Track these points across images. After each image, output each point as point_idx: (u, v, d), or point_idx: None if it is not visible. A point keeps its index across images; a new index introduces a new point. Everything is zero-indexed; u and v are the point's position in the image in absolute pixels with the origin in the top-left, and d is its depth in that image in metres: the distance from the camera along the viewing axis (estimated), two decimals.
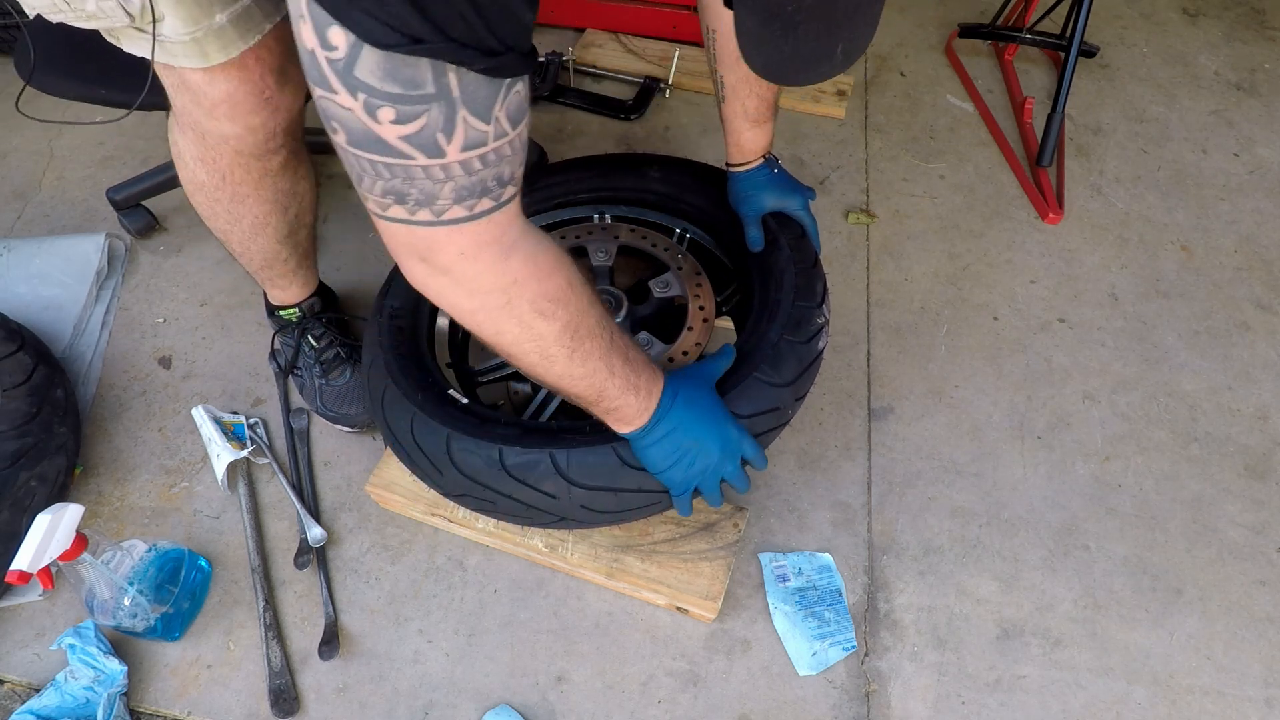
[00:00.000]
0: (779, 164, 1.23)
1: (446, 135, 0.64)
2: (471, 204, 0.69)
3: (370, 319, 1.23)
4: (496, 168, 0.69)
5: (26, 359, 1.27)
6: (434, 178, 0.66)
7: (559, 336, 0.81)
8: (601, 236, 1.33)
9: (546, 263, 0.78)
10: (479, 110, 0.65)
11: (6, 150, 1.83)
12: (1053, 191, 1.75)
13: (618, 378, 0.88)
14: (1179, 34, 2.16)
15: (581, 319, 0.82)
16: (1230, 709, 1.16)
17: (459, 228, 0.70)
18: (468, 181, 0.68)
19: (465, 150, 0.66)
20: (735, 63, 1.10)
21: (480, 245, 0.72)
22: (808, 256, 1.19)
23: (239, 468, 1.33)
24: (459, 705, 1.15)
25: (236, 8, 0.92)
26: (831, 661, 1.18)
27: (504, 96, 0.66)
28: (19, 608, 1.22)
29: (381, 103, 0.62)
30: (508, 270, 0.75)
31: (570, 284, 0.81)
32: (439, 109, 0.63)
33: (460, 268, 0.73)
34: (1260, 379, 1.50)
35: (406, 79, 0.61)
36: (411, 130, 0.63)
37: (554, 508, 1.02)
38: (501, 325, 0.79)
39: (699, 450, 0.97)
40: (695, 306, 1.23)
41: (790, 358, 1.08)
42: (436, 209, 0.68)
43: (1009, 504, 1.34)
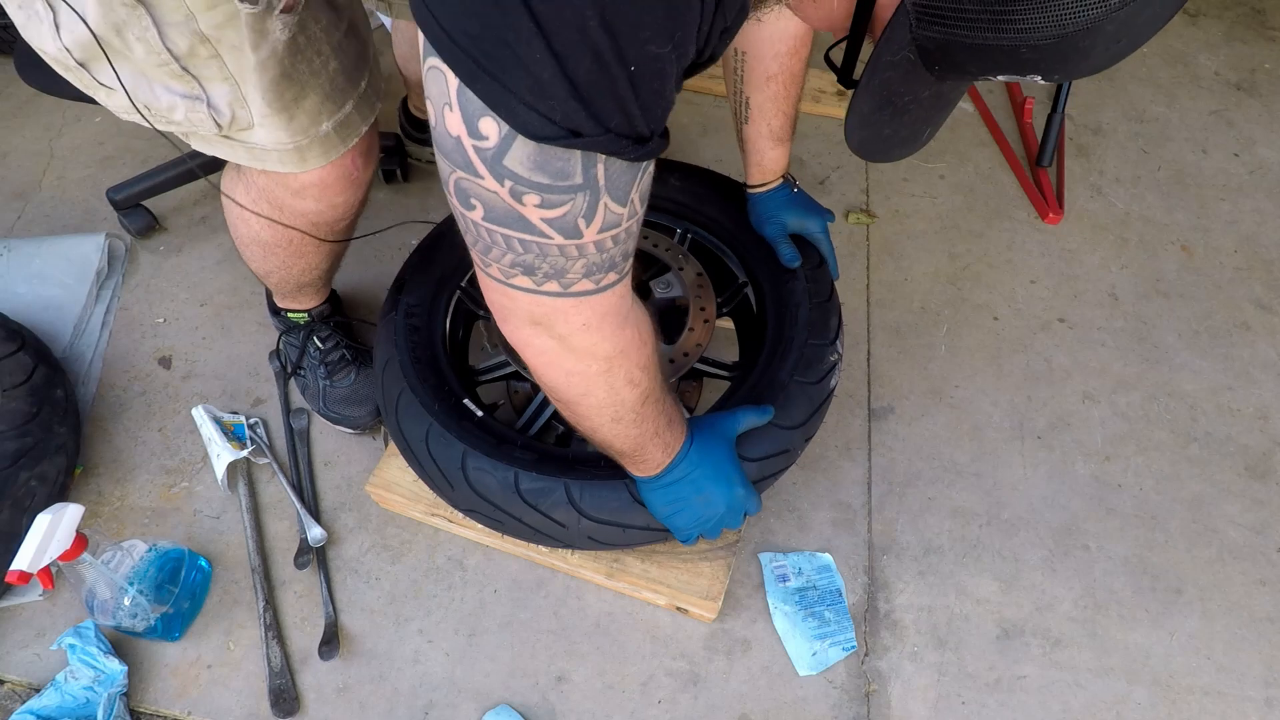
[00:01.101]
0: (797, 183, 1.24)
1: (587, 220, 0.65)
2: (599, 279, 0.70)
3: (383, 317, 1.22)
4: (625, 245, 0.70)
5: (26, 359, 1.27)
6: (568, 255, 0.66)
7: (636, 403, 0.82)
8: None
9: (646, 331, 0.80)
10: (619, 196, 0.65)
11: (6, 150, 1.83)
12: (1053, 191, 1.75)
13: (660, 437, 0.90)
14: (1179, 34, 2.16)
15: (657, 387, 0.85)
16: (1230, 709, 1.16)
17: (584, 299, 0.71)
18: (599, 259, 0.68)
19: (602, 232, 0.66)
20: (764, 83, 1.10)
21: (603, 316, 0.73)
22: (823, 289, 1.19)
23: (239, 468, 1.33)
24: (459, 705, 1.15)
25: (340, 115, 0.94)
26: (831, 661, 1.18)
27: (640, 178, 0.66)
28: (19, 608, 1.21)
29: (528, 190, 0.61)
30: (621, 339, 0.76)
31: (657, 352, 0.83)
32: (584, 197, 0.63)
33: (578, 336, 0.74)
34: (1260, 379, 1.50)
35: (556, 171, 0.60)
36: (555, 215, 0.63)
37: (562, 535, 1.04)
38: (592, 388, 0.79)
39: (704, 504, 0.98)
40: (697, 307, 1.23)
41: (801, 400, 1.09)
42: (565, 282, 0.69)
43: (1009, 504, 1.34)
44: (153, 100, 0.86)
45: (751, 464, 1.04)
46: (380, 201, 1.73)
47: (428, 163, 1.78)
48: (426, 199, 1.73)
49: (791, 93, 1.11)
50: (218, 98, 0.87)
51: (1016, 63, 0.54)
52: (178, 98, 0.86)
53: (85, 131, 1.85)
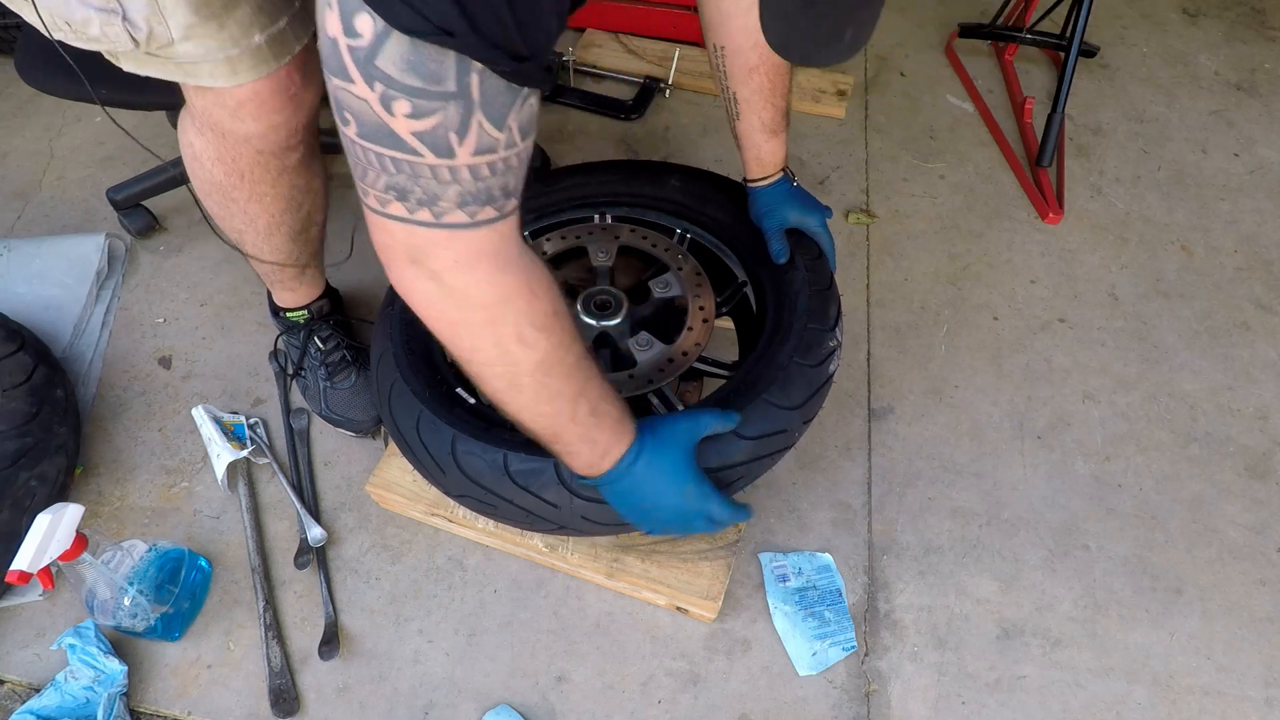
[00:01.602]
0: (796, 178, 1.24)
1: (459, 136, 0.64)
2: (474, 210, 0.68)
3: (382, 311, 1.23)
4: (503, 177, 0.69)
5: (26, 359, 1.27)
6: (440, 178, 0.66)
7: (533, 369, 0.78)
8: (602, 236, 1.33)
9: (539, 286, 0.76)
10: (494, 116, 0.65)
11: (6, 150, 1.83)
12: (1053, 191, 1.75)
13: (578, 427, 0.85)
14: (1179, 34, 2.16)
15: (559, 355, 0.79)
16: (1230, 709, 1.16)
17: (458, 233, 0.69)
18: (473, 187, 0.67)
19: (476, 155, 0.65)
20: (748, 74, 1.10)
21: (478, 255, 0.71)
22: (823, 278, 1.19)
23: (239, 468, 1.33)
24: (459, 705, 1.15)
25: (274, 30, 0.92)
26: (831, 661, 1.18)
27: (519, 106, 0.66)
28: (19, 608, 1.22)
29: (399, 95, 0.61)
30: (501, 285, 0.73)
31: (556, 314, 0.78)
32: (455, 108, 0.63)
33: (452, 276, 0.72)
34: (1260, 379, 1.50)
35: (429, 73, 0.61)
36: (425, 126, 0.63)
37: (555, 516, 1.02)
38: (480, 343, 0.77)
39: (655, 509, 0.94)
40: (695, 307, 1.23)
41: (800, 381, 1.08)
42: (438, 210, 0.67)
43: (1009, 504, 1.34)
44: (69, 14, 0.85)
45: (748, 442, 1.02)
46: None
47: None
48: None
49: (778, 84, 1.11)
50: (133, 11, 0.84)
51: None
52: (92, 11, 0.84)
53: (85, 131, 1.85)
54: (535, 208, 1.36)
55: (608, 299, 1.22)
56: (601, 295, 1.22)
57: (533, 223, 1.36)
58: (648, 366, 1.17)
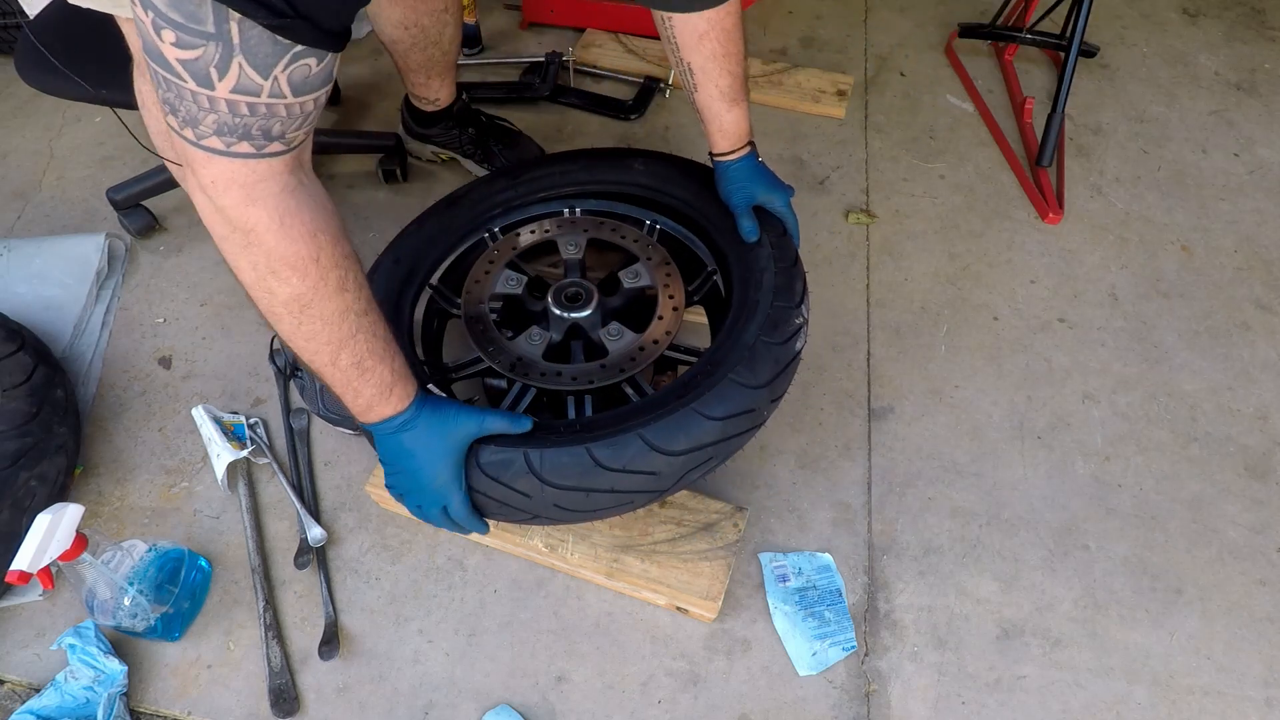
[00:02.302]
0: (760, 155, 1.25)
1: (219, 73, 0.69)
2: (229, 141, 0.73)
3: None
4: (265, 120, 0.73)
5: (26, 359, 1.27)
6: (200, 105, 0.70)
7: (286, 303, 0.83)
8: (570, 230, 1.33)
9: (295, 229, 0.80)
10: (257, 64, 0.69)
11: (6, 150, 1.83)
12: (1053, 191, 1.75)
13: (339, 374, 0.90)
14: (1179, 34, 2.16)
15: (317, 300, 0.83)
16: (1230, 709, 1.16)
17: (212, 157, 0.74)
18: (230, 121, 0.72)
19: (235, 93, 0.70)
20: (697, 42, 1.11)
21: (228, 182, 0.76)
22: (788, 255, 1.19)
23: (239, 468, 1.33)
24: (459, 705, 1.15)
25: None
26: (831, 661, 1.18)
27: (288, 62, 0.70)
28: (19, 608, 1.22)
29: (165, 25, 0.66)
30: (247, 217, 0.77)
31: (317, 261, 0.82)
32: (215, 48, 0.67)
33: (210, 194, 0.77)
34: (1260, 379, 1.50)
35: (188, 12, 0.65)
36: (188, 56, 0.68)
37: (525, 506, 1.03)
38: (238, 264, 0.82)
39: (404, 475, 1.00)
40: (665, 296, 1.24)
41: (767, 359, 1.07)
42: (199, 132, 0.72)
43: (1009, 504, 1.34)
44: None
45: (715, 423, 1.02)
46: (380, 201, 1.73)
47: (427, 161, 1.79)
48: (426, 199, 1.73)
49: (730, 50, 1.12)
50: None
51: None
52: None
53: (85, 131, 1.85)
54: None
55: (578, 290, 1.23)
56: (572, 287, 1.23)
57: (502, 216, 1.38)
58: (619, 356, 1.18)
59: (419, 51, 1.50)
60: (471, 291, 1.26)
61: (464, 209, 1.36)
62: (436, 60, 1.54)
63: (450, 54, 1.56)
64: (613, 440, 1.00)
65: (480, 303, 1.25)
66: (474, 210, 1.36)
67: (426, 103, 1.65)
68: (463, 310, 1.24)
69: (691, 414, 1.01)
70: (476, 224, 1.36)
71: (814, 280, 1.60)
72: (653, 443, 1.00)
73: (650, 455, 1.00)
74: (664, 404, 1.03)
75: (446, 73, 1.59)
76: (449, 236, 1.34)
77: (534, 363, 1.18)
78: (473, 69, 2.03)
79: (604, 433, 1.01)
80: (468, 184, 1.41)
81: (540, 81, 1.94)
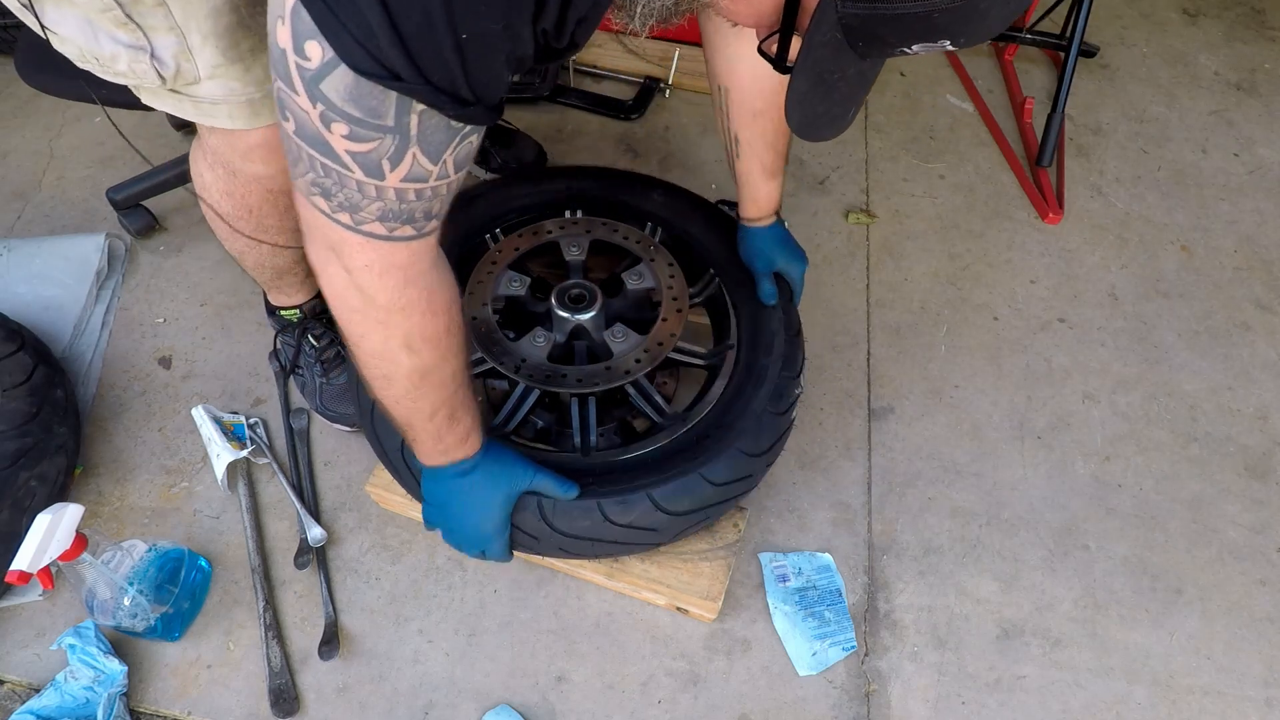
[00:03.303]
0: (786, 221, 1.28)
1: (392, 164, 0.67)
2: (392, 226, 0.72)
3: None
4: (429, 203, 0.72)
5: (26, 359, 1.27)
6: (366, 194, 0.69)
7: (410, 373, 0.83)
8: (573, 231, 1.33)
9: (439, 303, 0.81)
10: (430, 152, 0.68)
11: (6, 150, 1.83)
12: (1053, 191, 1.75)
13: (432, 425, 0.91)
14: (1179, 34, 2.16)
15: (438, 366, 0.85)
16: (1230, 709, 1.16)
17: (374, 242, 0.72)
18: (396, 208, 0.70)
19: (405, 181, 0.69)
20: (751, 119, 1.12)
21: (388, 266, 0.75)
22: (793, 324, 1.23)
23: (239, 468, 1.33)
24: (459, 705, 1.15)
25: None
26: (831, 661, 1.18)
27: (458, 143, 0.69)
28: (19, 608, 1.21)
29: (337, 119, 0.64)
30: (403, 297, 0.77)
31: (449, 331, 0.83)
32: (392, 140, 0.65)
33: (362, 276, 0.75)
34: (1260, 379, 1.50)
35: (369, 108, 0.63)
36: (360, 149, 0.66)
37: (531, 545, 1.08)
38: (370, 335, 0.81)
39: (452, 517, 1.02)
40: (669, 298, 1.24)
41: (769, 430, 1.13)
42: (358, 218, 0.70)
43: (1009, 504, 1.34)
44: (98, 49, 0.86)
45: (714, 488, 1.07)
46: None
47: None
48: None
49: (782, 128, 1.13)
50: (162, 49, 0.85)
51: (929, 29, 0.60)
52: (121, 47, 0.85)
53: (85, 131, 1.85)
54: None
55: (582, 292, 1.23)
56: (575, 289, 1.23)
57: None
58: (623, 358, 1.18)
59: None
60: (474, 293, 1.26)
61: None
62: None
63: None
64: (623, 499, 1.04)
65: (483, 304, 1.24)
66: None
67: None
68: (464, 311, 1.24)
69: (698, 479, 1.07)
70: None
71: (814, 280, 1.60)
72: (659, 503, 1.05)
73: (655, 514, 1.05)
74: (673, 465, 1.08)
75: None
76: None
77: (538, 364, 1.18)
78: None
79: (615, 489, 1.05)
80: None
81: (540, 81, 1.94)
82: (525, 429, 1.24)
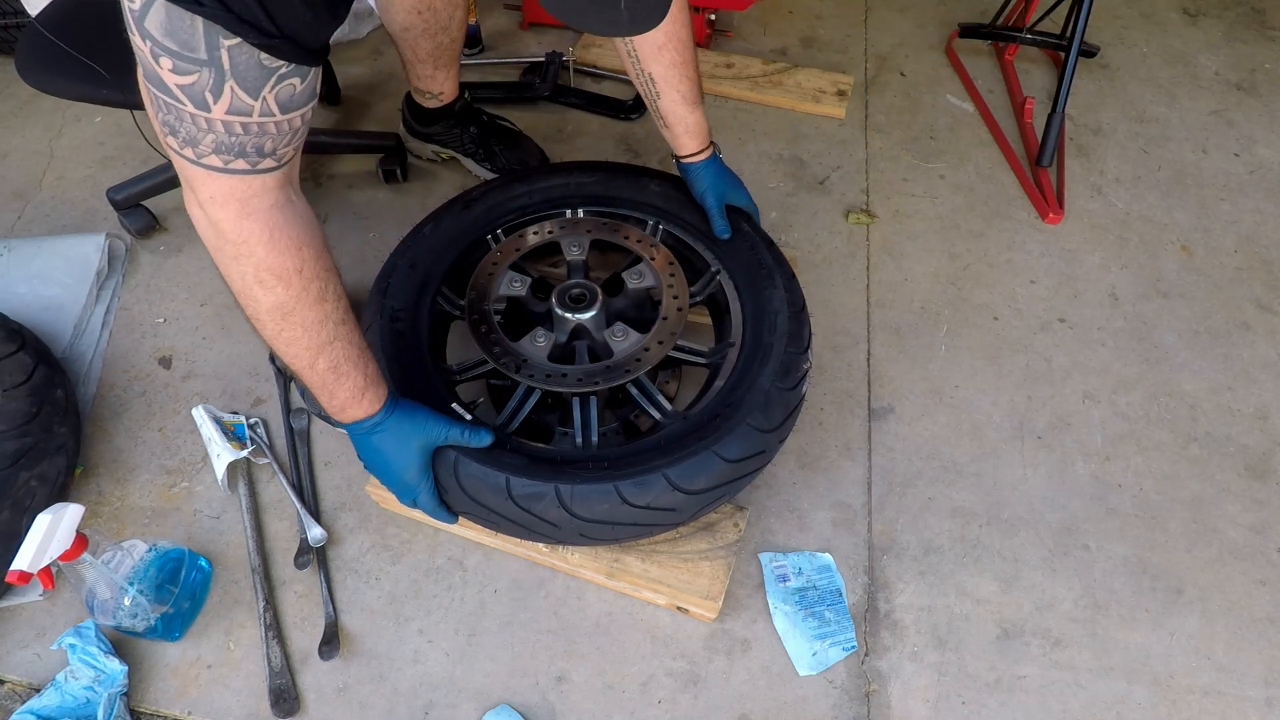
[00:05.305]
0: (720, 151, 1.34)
1: (214, 97, 0.75)
2: (227, 159, 0.79)
3: (366, 316, 1.23)
4: (259, 139, 0.80)
5: (27, 359, 1.27)
6: (199, 126, 0.77)
7: (270, 310, 0.89)
8: (574, 230, 1.33)
9: (283, 241, 0.86)
10: (248, 87, 0.76)
11: (6, 150, 1.83)
12: (1053, 191, 1.75)
13: (316, 376, 0.96)
14: (1179, 34, 2.16)
15: (299, 307, 0.89)
16: (1230, 709, 1.16)
17: (211, 174, 0.81)
18: (227, 140, 0.78)
19: (229, 114, 0.77)
20: (657, 53, 1.20)
21: (225, 197, 0.82)
22: (797, 300, 1.24)
23: (239, 468, 1.33)
24: (459, 705, 1.15)
25: None
26: (831, 661, 1.18)
27: (275, 83, 0.77)
28: (19, 608, 1.22)
29: (162, 54, 0.72)
30: (242, 229, 0.84)
31: (300, 272, 0.88)
32: (210, 73, 0.74)
33: (210, 208, 0.83)
34: (1260, 379, 1.50)
35: (183, 41, 0.71)
36: (185, 82, 0.74)
37: (552, 533, 1.08)
38: (228, 272, 0.88)
39: (379, 471, 1.07)
40: (669, 296, 1.24)
41: (779, 405, 1.13)
42: (198, 151, 0.79)
43: (1009, 504, 1.34)
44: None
45: (729, 464, 1.07)
46: (381, 201, 1.73)
47: (428, 160, 1.79)
48: (427, 199, 1.73)
49: (687, 57, 1.22)
50: None
51: None
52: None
53: (85, 131, 1.85)
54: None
55: (582, 292, 1.23)
56: (576, 288, 1.23)
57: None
58: (624, 357, 1.18)
59: (429, 39, 1.50)
60: (475, 293, 1.26)
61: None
62: (445, 48, 1.54)
63: (458, 42, 1.56)
64: (639, 480, 1.05)
65: (484, 304, 1.24)
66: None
67: (430, 98, 1.64)
68: (466, 312, 1.24)
69: (711, 456, 1.07)
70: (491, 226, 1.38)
71: (814, 280, 1.61)
72: (675, 482, 1.05)
73: (672, 494, 1.06)
74: (684, 444, 1.08)
75: (452, 63, 1.59)
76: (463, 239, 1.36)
77: (539, 364, 1.18)
78: (473, 69, 2.03)
79: (630, 471, 1.06)
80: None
81: (540, 81, 1.94)
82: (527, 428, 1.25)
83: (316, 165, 1.79)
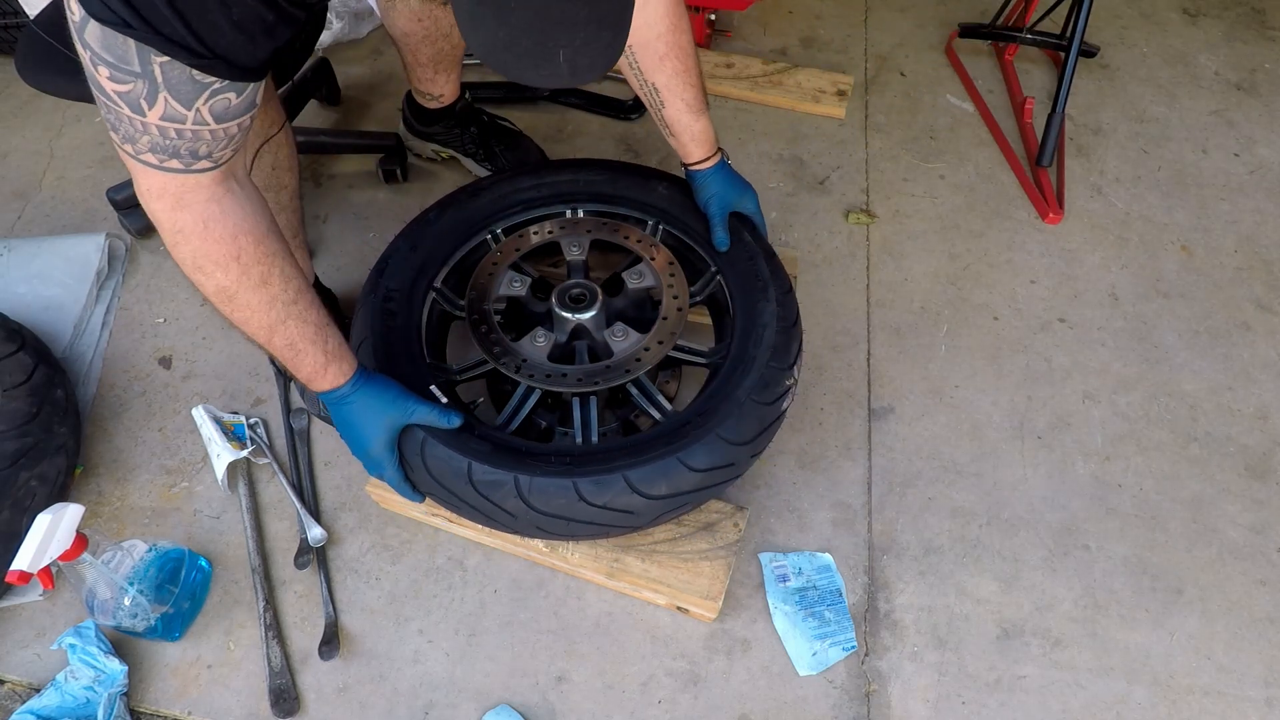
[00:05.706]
0: (728, 157, 1.33)
1: (149, 104, 0.79)
2: (161, 158, 0.83)
3: (362, 297, 1.23)
4: (192, 144, 0.83)
5: (27, 359, 1.27)
6: (136, 128, 0.81)
7: (215, 293, 0.94)
8: (574, 230, 1.33)
9: (219, 231, 0.89)
10: (180, 99, 0.79)
11: (6, 150, 1.83)
12: (1053, 191, 1.75)
13: (275, 351, 1.00)
14: (1179, 34, 2.16)
15: (240, 291, 0.93)
16: (1230, 709, 1.16)
17: (147, 170, 0.85)
18: (161, 142, 0.82)
19: (164, 120, 0.80)
20: (659, 63, 1.19)
21: (159, 192, 0.86)
22: (789, 315, 1.22)
23: (239, 468, 1.33)
24: (459, 705, 1.15)
25: None
26: (831, 661, 1.18)
27: (208, 96, 0.80)
28: (19, 608, 1.22)
29: (101, 64, 0.76)
30: (177, 219, 0.88)
31: (237, 259, 0.91)
32: (143, 84, 0.77)
33: (146, 200, 0.88)
34: (1260, 379, 1.50)
35: (118, 55, 0.75)
36: (121, 90, 0.78)
37: (510, 523, 1.08)
38: (174, 255, 0.92)
39: (350, 443, 1.09)
40: (669, 296, 1.24)
41: (753, 418, 1.12)
42: (135, 149, 0.83)
43: (1009, 504, 1.34)
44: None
45: (696, 474, 1.07)
46: (381, 201, 1.73)
47: (428, 160, 1.79)
48: (426, 199, 1.72)
49: (689, 65, 1.21)
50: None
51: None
52: None
53: (85, 131, 1.85)
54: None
55: (582, 292, 1.23)
56: (576, 288, 1.23)
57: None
58: (624, 357, 1.18)
59: (429, 45, 1.50)
60: (475, 292, 1.26)
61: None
62: (446, 54, 1.54)
63: (459, 48, 1.56)
64: (598, 479, 1.05)
65: (484, 304, 1.25)
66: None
67: (430, 99, 1.64)
68: (466, 311, 1.24)
69: (675, 463, 1.06)
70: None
71: (814, 280, 1.61)
72: (635, 485, 1.05)
73: (630, 496, 1.05)
74: (651, 448, 1.08)
75: (453, 67, 1.59)
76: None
77: (538, 364, 1.18)
78: (473, 69, 2.03)
79: (590, 469, 1.06)
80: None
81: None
82: (529, 428, 1.24)
83: (316, 165, 1.79)
